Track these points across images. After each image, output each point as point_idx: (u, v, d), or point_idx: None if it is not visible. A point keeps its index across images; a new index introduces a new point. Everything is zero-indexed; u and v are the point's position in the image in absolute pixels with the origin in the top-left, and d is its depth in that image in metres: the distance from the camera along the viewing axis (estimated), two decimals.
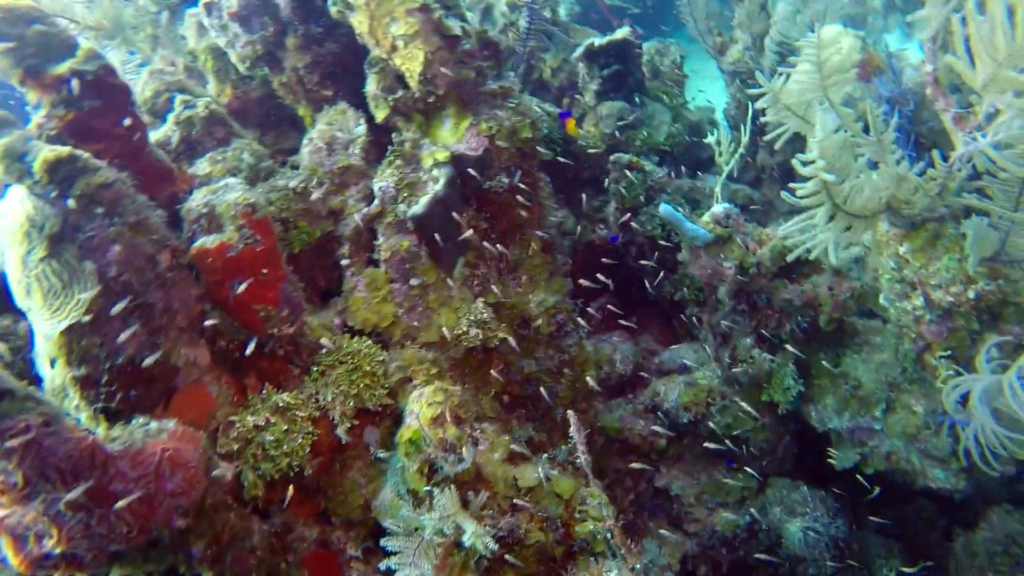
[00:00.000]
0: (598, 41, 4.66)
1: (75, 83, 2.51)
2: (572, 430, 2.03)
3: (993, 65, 2.06)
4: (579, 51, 4.77)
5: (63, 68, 2.66)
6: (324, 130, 3.26)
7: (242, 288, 2.30)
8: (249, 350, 2.36)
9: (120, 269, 2.23)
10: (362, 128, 3.21)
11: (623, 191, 3.95)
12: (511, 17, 5.70)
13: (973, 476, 3.01)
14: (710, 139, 3.73)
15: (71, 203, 2.15)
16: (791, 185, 2.50)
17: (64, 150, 2.24)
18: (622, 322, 3.73)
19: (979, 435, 2.38)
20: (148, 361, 2.11)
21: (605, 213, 4.37)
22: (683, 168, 5.12)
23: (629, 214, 3.82)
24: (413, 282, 2.85)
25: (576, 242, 4.41)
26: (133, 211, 2.35)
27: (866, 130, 2.72)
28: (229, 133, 3.40)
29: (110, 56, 4.46)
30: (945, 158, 2.61)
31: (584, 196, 3.99)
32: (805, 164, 2.47)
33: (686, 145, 5.17)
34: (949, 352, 2.88)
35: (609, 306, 3.79)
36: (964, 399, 2.49)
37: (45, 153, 2.21)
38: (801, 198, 2.52)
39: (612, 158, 4.05)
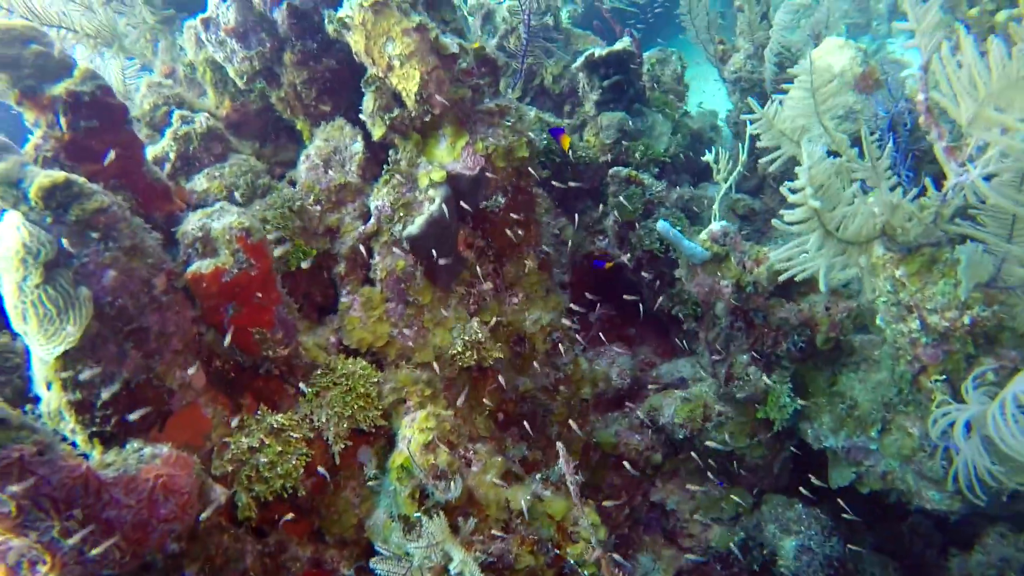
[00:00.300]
0: (598, 52, 4.65)
1: (63, 120, 2.53)
2: (561, 462, 2.05)
3: (974, 105, 2.05)
4: (579, 61, 4.76)
5: (60, 88, 2.67)
6: (321, 146, 3.27)
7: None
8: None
9: (115, 295, 2.25)
10: (359, 145, 3.22)
11: (622, 205, 3.95)
12: (512, 23, 5.70)
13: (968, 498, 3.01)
14: (708, 156, 3.72)
15: (65, 242, 2.16)
16: (781, 211, 2.50)
17: (59, 176, 2.25)
18: (616, 348, 3.73)
19: (968, 464, 2.38)
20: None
21: (604, 225, 4.37)
22: (684, 177, 5.12)
23: (627, 255, 3.83)
24: (408, 302, 2.86)
25: (575, 252, 4.42)
26: (128, 235, 2.36)
27: (862, 153, 2.72)
28: (227, 148, 3.41)
29: (110, 63, 4.51)
30: (939, 185, 2.60)
31: (576, 216, 4.00)
32: (794, 191, 2.46)
33: (686, 155, 5.17)
34: (944, 375, 2.89)
35: (602, 329, 3.79)
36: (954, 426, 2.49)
37: (40, 179, 2.23)
38: (791, 224, 2.51)
39: (611, 172, 4.05)
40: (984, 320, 2.69)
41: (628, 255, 3.99)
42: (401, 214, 2.93)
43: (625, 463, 3.27)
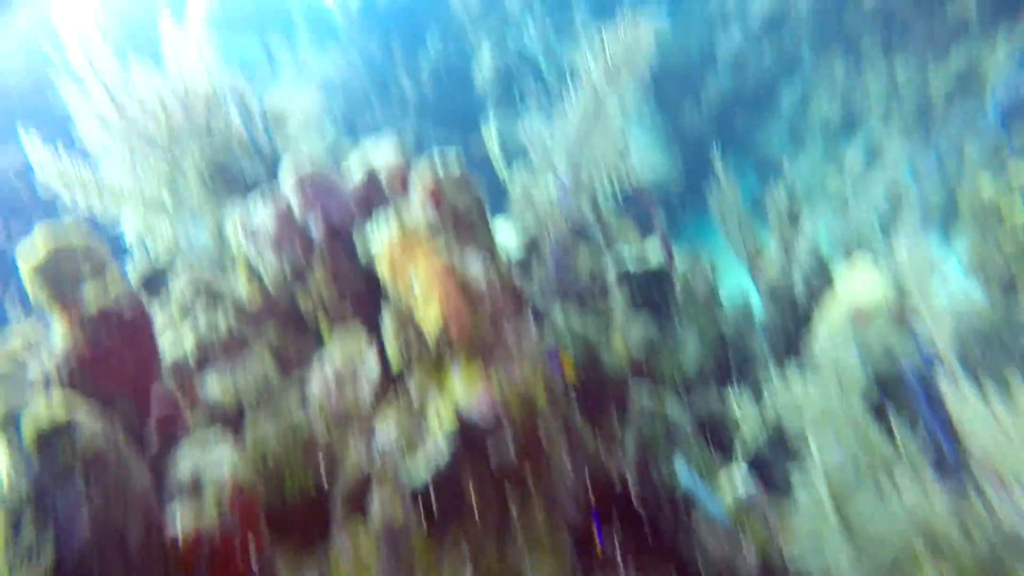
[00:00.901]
0: (632, 269, 4.72)
1: (88, 335, 2.55)
2: None
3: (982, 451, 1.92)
4: (611, 274, 4.82)
5: (91, 302, 2.73)
6: (337, 362, 3.24)
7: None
8: None
9: (82, 545, 2.12)
10: (374, 366, 3.17)
11: (642, 438, 3.79)
12: (553, 217, 5.87)
13: None
14: (735, 410, 3.57)
15: (45, 483, 2.09)
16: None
17: (58, 420, 2.20)
18: None
19: None
20: None
21: (626, 446, 4.18)
22: (711, 384, 4.96)
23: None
24: (402, 554, 2.66)
25: (595, 472, 4.20)
26: (114, 476, 2.27)
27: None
28: (246, 348, 3.42)
29: (163, 224, 4.73)
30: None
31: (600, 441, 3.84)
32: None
33: (717, 359, 5.06)
34: None
35: (622, 556, 3.50)
36: None
37: (36, 421, 2.18)
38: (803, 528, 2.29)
39: (632, 400, 3.93)
40: None
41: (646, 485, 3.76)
42: (405, 454, 2.81)
43: None
